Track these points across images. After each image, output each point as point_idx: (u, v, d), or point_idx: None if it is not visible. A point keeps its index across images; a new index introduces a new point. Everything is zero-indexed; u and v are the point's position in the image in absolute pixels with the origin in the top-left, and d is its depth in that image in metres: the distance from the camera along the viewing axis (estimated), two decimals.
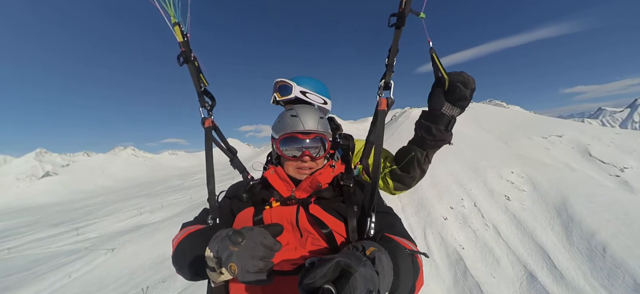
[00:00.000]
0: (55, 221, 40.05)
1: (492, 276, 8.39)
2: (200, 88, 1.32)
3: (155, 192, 61.19)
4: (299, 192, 1.12)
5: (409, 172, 1.43)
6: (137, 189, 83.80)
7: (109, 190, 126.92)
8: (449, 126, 1.29)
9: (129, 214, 30.88)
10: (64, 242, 24.52)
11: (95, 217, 35.79)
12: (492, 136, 17.80)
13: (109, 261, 13.49)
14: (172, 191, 52.55)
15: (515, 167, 12.80)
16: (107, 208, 43.14)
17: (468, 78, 1.18)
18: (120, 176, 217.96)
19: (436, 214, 10.50)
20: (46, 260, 19.45)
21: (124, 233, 21.39)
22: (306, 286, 0.60)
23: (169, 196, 42.67)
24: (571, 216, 9.66)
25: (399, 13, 1.14)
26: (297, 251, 0.99)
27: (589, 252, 8.54)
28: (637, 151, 15.67)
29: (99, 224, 29.59)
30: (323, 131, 1.18)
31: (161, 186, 76.36)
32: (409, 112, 27.95)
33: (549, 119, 23.53)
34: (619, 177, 13.84)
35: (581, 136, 17.32)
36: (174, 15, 1.26)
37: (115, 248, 15.51)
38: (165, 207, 30.74)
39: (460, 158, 13.66)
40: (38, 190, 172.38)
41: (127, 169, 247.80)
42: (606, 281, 7.82)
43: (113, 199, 61.34)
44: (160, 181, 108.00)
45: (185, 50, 1.27)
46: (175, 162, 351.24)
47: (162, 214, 26.81)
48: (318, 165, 1.18)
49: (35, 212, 65.07)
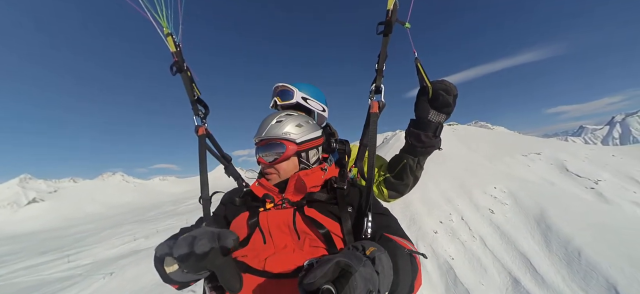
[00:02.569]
0: (43, 249, 38.74)
1: (481, 283, 9.03)
2: (194, 97, 1.34)
3: (147, 218, 59.84)
4: (290, 196, 1.13)
5: (402, 179, 1.46)
6: (128, 216, 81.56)
7: (98, 217, 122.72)
8: (437, 131, 1.32)
9: (123, 240, 30.35)
10: (54, 269, 23.94)
11: (86, 244, 34.89)
12: (478, 155, 18.93)
13: (108, 285, 13.52)
14: (166, 217, 51.59)
15: (498, 183, 13.80)
16: (98, 235, 42.03)
17: (449, 85, 1.24)
18: (110, 203, 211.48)
19: (427, 229, 11.23)
20: (37, 288, 19.00)
21: (119, 259, 21.13)
22: (306, 286, 0.60)
23: (163, 222, 41.99)
24: (549, 225, 10.53)
25: (386, 22, 1.21)
26: (296, 252, 0.99)
27: (566, 257, 9.32)
28: (610, 165, 16.94)
29: (91, 251, 28.97)
30: (275, 135, 1.18)
31: (154, 212, 74.67)
32: (399, 135, 29.21)
33: (529, 138, 25.05)
34: (594, 189, 14.93)
35: (558, 153, 18.61)
36: (166, 26, 1.29)
37: (113, 272, 15.49)
38: (161, 232, 30.40)
39: (449, 177, 14.64)
40: (22, 217, 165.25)
41: (117, 195, 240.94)
42: (583, 282, 8.55)
43: (103, 226, 59.62)
44: (152, 207, 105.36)
45: (178, 60, 1.30)
46: (167, 188, 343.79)
47: (157, 240, 26.53)
48: (280, 170, 1.19)
49: (19, 241, 62.48)
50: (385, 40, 1.21)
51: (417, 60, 1.23)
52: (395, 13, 1.19)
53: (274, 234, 1.02)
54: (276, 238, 1.02)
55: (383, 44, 1.22)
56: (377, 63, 1.24)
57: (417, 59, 1.23)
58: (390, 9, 1.18)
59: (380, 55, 1.23)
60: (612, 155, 18.69)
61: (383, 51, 1.22)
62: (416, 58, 1.23)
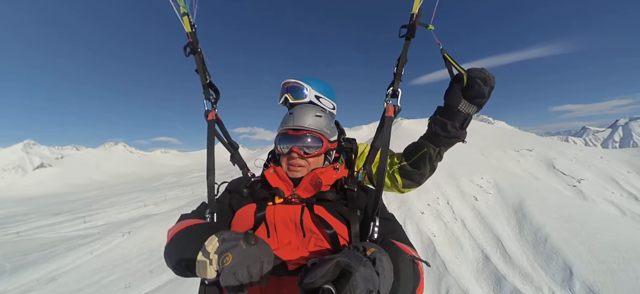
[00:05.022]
0: (56, 211, 40.95)
1: (456, 257, 10.40)
2: (206, 80, 1.32)
3: (153, 188, 61.99)
4: (301, 192, 1.12)
5: (419, 168, 1.42)
6: (133, 185, 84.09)
7: (103, 184, 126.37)
8: (465, 123, 1.28)
9: (133, 206, 32.22)
10: (72, 228, 25.88)
11: (98, 208, 36.94)
12: (472, 147, 19.98)
13: (127, 242, 15.14)
14: (171, 187, 53.59)
15: (485, 174, 14.96)
16: (108, 200, 44.19)
17: (488, 75, 1.17)
18: (114, 172, 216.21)
19: (415, 209, 12.53)
20: (60, 243, 20.87)
21: (132, 222, 22.90)
22: (306, 286, 0.60)
23: (169, 191, 43.96)
24: (524, 214, 11.78)
25: (410, 25, 1.17)
26: (299, 250, 0.99)
27: (534, 241, 10.62)
28: (595, 166, 17.99)
29: (104, 214, 30.91)
30: (316, 128, 1.17)
31: (157, 183, 76.95)
32: (399, 123, 30.12)
33: (525, 134, 25.96)
34: (576, 187, 16.08)
35: (549, 151, 19.63)
36: (183, 5, 1.27)
37: (131, 231, 17.13)
38: (169, 200, 32.17)
39: (440, 165, 15.86)
40: (30, 182, 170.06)
41: (121, 165, 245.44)
42: (544, 263, 9.86)
43: (110, 193, 62.00)
44: (155, 178, 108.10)
45: (192, 42, 1.29)
46: (169, 160, 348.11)
47: (167, 206, 28.27)
48: (311, 164, 1.17)
49: (30, 203, 65.19)
50: (407, 44, 1.19)
51: (443, 51, 1.22)
52: (420, 16, 1.17)
53: (279, 229, 1.02)
54: (281, 233, 1.02)
55: (404, 47, 1.19)
56: (396, 66, 1.21)
57: (443, 49, 1.22)
58: (415, 13, 1.16)
59: (400, 58, 1.21)
60: (601, 157, 19.76)
61: (403, 55, 1.20)
62: (442, 49, 1.22)
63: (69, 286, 12.25)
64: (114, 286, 11.64)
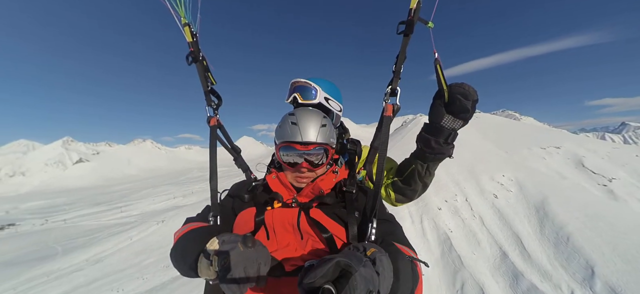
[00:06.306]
0: (95, 201, 44.73)
1: (473, 253, 10.54)
2: (207, 87, 1.34)
3: (179, 182, 65.60)
4: (301, 198, 1.13)
5: (410, 185, 1.42)
6: (161, 179, 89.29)
7: (134, 178, 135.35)
8: (449, 139, 1.27)
9: (164, 198, 34.55)
10: (110, 217, 28.38)
11: (131, 199, 39.96)
12: (494, 145, 19.58)
13: (162, 229, 16.55)
14: (196, 181, 56.48)
15: (507, 172, 14.75)
16: (139, 192, 47.58)
17: (469, 90, 1.17)
18: (143, 166, 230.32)
19: (432, 205, 12.72)
20: (101, 229, 23.02)
21: (164, 211, 24.74)
22: (306, 286, 0.60)
23: (195, 185, 46.43)
24: (547, 212, 11.62)
25: (408, 21, 1.15)
26: (297, 252, 1.01)
27: (555, 240, 10.51)
28: (629, 164, 17.05)
29: (137, 205, 33.45)
30: (323, 141, 1.15)
31: (183, 177, 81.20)
32: (419, 119, 29.81)
33: (555, 131, 24.85)
34: (606, 186, 15.40)
35: (578, 149, 18.81)
36: (184, 16, 1.29)
37: (164, 220, 18.67)
38: (196, 193, 34.13)
39: (460, 162, 15.76)
40: (70, 175, 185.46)
41: (150, 160, 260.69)
42: (565, 261, 9.77)
43: (141, 186, 66.47)
44: (181, 172, 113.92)
45: (194, 50, 1.31)
46: (193, 156, 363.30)
47: (194, 198, 30.09)
48: (317, 173, 1.17)
49: (71, 195, 71.36)
50: (405, 41, 1.16)
51: (436, 61, 1.18)
52: (418, 12, 1.13)
53: (278, 232, 1.04)
54: (280, 236, 1.03)
55: (403, 44, 1.16)
56: (394, 64, 1.18)
57: (437, 59, 1.17)
58: (413, 8, 1.13)
59: (398, 56, 1.18)
60: (636, 155, 18.56)
61: (402, 52, 1.17)
62: (436, 59, 1.17)
63: (114, 266, 13.75)
64: (153, 267, 12.95)
